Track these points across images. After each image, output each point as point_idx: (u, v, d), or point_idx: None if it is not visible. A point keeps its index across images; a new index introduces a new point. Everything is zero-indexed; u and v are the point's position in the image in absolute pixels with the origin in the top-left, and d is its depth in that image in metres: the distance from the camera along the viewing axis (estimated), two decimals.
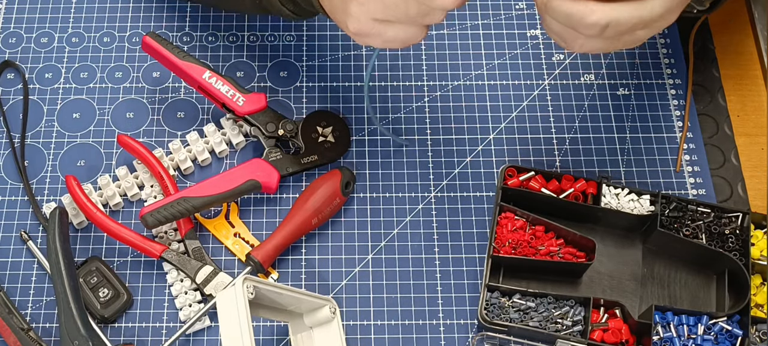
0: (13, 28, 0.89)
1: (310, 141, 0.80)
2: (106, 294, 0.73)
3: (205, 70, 0.80)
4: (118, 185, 0.79)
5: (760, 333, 0.73)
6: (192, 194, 0.75)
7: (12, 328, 0.72)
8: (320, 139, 0.81)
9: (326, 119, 0.82)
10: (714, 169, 0.83)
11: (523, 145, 0.83)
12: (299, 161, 0.79)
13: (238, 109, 0.79)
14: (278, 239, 0.75)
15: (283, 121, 0.80)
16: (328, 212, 0.77)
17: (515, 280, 0.76)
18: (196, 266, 0.74)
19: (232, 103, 0.79)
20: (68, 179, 0.76)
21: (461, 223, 0.79)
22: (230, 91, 0.79)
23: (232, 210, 0.79)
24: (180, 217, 0.75)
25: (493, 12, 0.91)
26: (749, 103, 0.87)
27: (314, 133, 0.81)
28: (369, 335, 0.74)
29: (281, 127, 0.79)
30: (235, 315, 0.61)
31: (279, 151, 0.79)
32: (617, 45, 0.60)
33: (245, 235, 0.78)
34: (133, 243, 0.75)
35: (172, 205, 0.74)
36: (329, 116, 0.82)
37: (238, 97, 0.79)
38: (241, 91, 0.79)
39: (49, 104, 0.84)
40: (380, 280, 0.77)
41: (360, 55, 0.88)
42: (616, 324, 0.72)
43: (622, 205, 0.77)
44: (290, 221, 0.76)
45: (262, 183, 0.77)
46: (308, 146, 0.80)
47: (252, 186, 0.77)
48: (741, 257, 0.74)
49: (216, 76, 0.80)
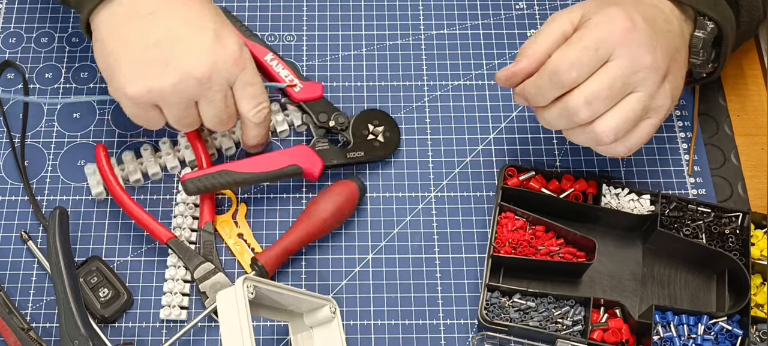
0: (13, 28, 0.89)
1: (360, 137, 0.81)
2: (106, 294, 0.73)
3: (269, 52, 0.81)
4: (141, 162, 0.80)
5: (760, 333, 0.73)
6: (234, 168, 0.76)
7: (12, 328, 0.71)
8: (369, 137, 0.81)
9: (379, 118, 0.82)
10: (714, 169, 0.83)
11: (523, 145, 0.83)
12: (345, 155, 0.79)
13: (295, 95, 0.80)
14: (284, 245, 0.75)
15: (336, 113, 0.80)
16: (336, 224, 0.77)
17: (515, 280, 0.76)
18: (198, 261, 0.74)
19: (289, 89, 0.80)
20: (98, 148, 0.78)
21: (461, 223, 0.79)
22: (289, 76, 0.80)
23: (240, 210, 0.79)
24: (219, 189, 0.76)
25: (493, 12, 0.91)
26: (749, 103, 0.87)
27: (365, 129, 0.81)
28: (369, 335, 0.74)
29: (333, 118, 0.80)
30: (236, 315, 0.61)
31: (326, 142, 0.79)
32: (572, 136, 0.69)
33: (248, 237, 0.78)
34: (145, 223, 0.75)
35: (214, 175, 0.75)
36: (382, 116, 0.82)
37: (295, 82, 0.80)
38: (300, 77, 0.81)
39: (49, 104, 0.84)
40: (380, 280, 0.77)
41: (360, 55, 0.88)
42: (616, 324, 0.72)
43: (622, 205, 0.77)
44: (298, 227, 0.75)
45: (304, 170, 0.77)
46: (356, 142, 0.80)
47: (294, 171, 0.77)
48: (741, 257, 0.74)
49: (278, 59, 0.81)
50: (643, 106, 0.65)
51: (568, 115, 0.65)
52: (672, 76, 0.67)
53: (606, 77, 0.64)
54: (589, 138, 0.66)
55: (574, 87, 0.64)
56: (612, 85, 0.63)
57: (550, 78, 0.65)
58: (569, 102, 0.64)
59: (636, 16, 0.65)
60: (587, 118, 0.65)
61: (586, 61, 0.64)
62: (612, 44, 0.64)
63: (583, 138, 0.67)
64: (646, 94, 0.65)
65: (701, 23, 0.70)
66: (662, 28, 0.67)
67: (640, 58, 0.64)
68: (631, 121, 0.65)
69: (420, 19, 0.90)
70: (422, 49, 0.89)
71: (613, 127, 0.64)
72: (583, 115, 0.64)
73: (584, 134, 0.66)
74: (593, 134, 0.65)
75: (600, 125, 0.65)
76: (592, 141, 0.66)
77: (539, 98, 0.67)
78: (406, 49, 0.88)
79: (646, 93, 0.65)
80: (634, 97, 0.65)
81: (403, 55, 0.88)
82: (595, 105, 0.64)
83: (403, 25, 0.90)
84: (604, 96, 0.64)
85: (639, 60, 0.64)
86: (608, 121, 0.64)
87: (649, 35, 0.64)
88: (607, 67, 0.64)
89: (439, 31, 0.90)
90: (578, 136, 0.67)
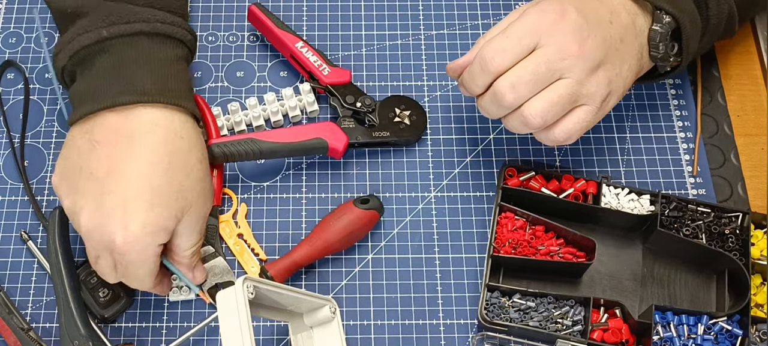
0: (13, 28, 0.89)
1: (386, 119, 0.82)
2: (106, 294, 0.73)
3: (299, 40, 0.84)
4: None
5: (760, 333, 0.73)
6: (261, 137, 0.77)
7: (12, 328, 0.72)
8: (396, 120, 0.82)
9: (405, 103, 0.83)
10: (714, 170, 0.83)
11: (523, 145, 0.83)
12: (371, 134, 0.81)
13: (323, 78, 0.82)
14: (295, 258, 0.74)
15: (363, 96, 0.82)
16: (349, 246, 0.77)
17: (515, 280, 0.76)
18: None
19: (318, 73, 0.83)
20: None
21: (461, 223, 0.79)
22: (318, 61, 0.83)
23: (240, 210, 0.79)
24: (245, 158, 0.77)
25: (493, 12, 0.91)
26: (749, 103, 0.87)
27: (391, 113, 0.82)
28: (369, 335, 0.74)
29: (360, 100, 0.82)
30: (235, 315, 0.61)
31: (353, 121, 0.81)
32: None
33: (248, 238, 0.78)
34: None
35: (240, 142, 0.76)
36: (408, 101, 0.83)
37: (324, 68, 0.83)
38: (329, 64, 0.83)
39: (49, 104, 0.84)
40: (380, 280, 0.77)
41: (360, 55, 0.88)
42: (616, 324, 0.72)
43: (622, 205, 0.77)
44: (311, 241, 0.75)
45: (329, 145, 0.78)
46: (382, 123, 0.82)
47: (319, 144, 0.78)
48: (741, 257, 0.74)
49: (308, 46, 0.84)
50: (571, 92, 0.67)
51: (497, 100, 0.68)
52: (610, 66, 0.69)
53: (530, 62, 0.67)
54: (520, 123, 0.69)
55: (500, 74, 0.68)
56: (536, 69, 0.67)
57: (479, 65, 0.69)
58: (496, 86, 0.68)
59: (569, 7, 0.68)
60: (513, 102, 0.68)
61: (509, 48, 0.67)
62: (539, 33, 0.67)
63: (515, 123, 0.70)
64: (574, 80, 0.67)
65: (658, 17, 0.72)
66: (601, 19, 0.69)
67: (567, 47, 0.67)
68: (558, 106, 0.67)
69: (420, 19, 0.90)
70: (422, 49, 0.89)
71: (540, 111, 0.67)
72: (509, 98, 0.67)
73: (516, 119, 0.69)
74: (522, 118, 0.68)
75: (527, 108, 0.68)
76: (523, 125, 0.69)
77: (472, 85, 0.71)
78: (406, 49, 0.88)
79: (574, 79, 0.67)
80: (561, 83, 0.67)
81: (403, 55, 0.88)
82: (520, 88, 0.67)
83: (402, 25, 0.90)
84: (528, 80, 0.67)
85: (566, 48, 0.67)
86: (535, 105, 0.67)
87: (580, 25, 0.67)
88: (533, 54, 0.67)
89: (439, 31, 0.90)
90: (511, 123, 0.70)
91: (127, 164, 0.65)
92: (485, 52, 0.68)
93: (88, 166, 0.66)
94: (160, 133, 0.67)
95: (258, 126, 0.83)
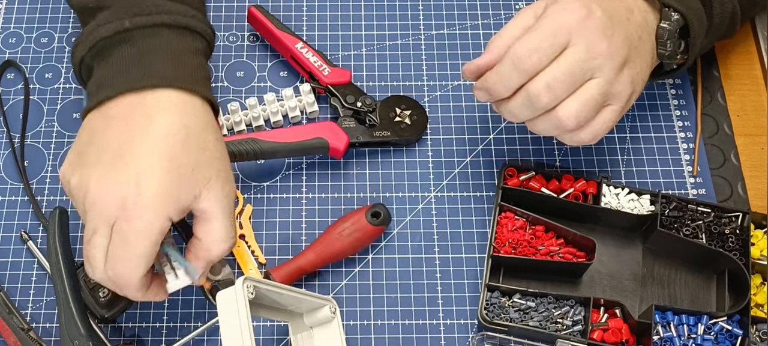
0: (13, 28, 0.89)
1: (387, 119, 0.82)
2: (106, 294, 0.73)
3: (299, 41, 0.84)
4: None
5: (760, 333, 0.73)
6: (262, 137, 0.77)
7: (12, 328, 0.71)
8: (396, 119, 0.82)
9: (406, 103, 0.83)
10: (714, 169, 0.83)
11: (523, 145, 0.83)
12: (371, 134, 0.81)
13: (324, 78, 0.83)
14: (300, 263, 0.74)
15: (363, 96, 0.82)
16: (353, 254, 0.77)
17: (515, 280, 0.76)
18: None
19: (318, 73, 0.83)
20: None
21: (461, 223, 0.79)
22: (318, 61, 0.83)
23: (246, 211, 0.79)
24: (245, 158, 0.77)
25: (493, 12, 0.91)
26: (749, 103, 0.87)
27: (392, 112, 0.82)
28: (369, 335, 0.74)
29: (360, 100, 0.82)
30: (236, 315, 0.61)
31: (353, 120, 0.81)
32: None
33: (250, 239, 0.78)
34: None
35: (241, 142, 0.76)
36: (409, 101, 0.84)
37: (324, 68, 0.83)
38: (329, 64, 0.83)
39: (49, 104, 0.85)
40: (380, 280, 0.77)
41: (360, 55, 0.88)
42: (616, 324, 0.72)
43: (622, 205, 0.77)
44: (316, 249, 0.75)
45: (330, 144, 0.78)
46: (383, 123, 0.82)
47: (320, 144, 0.78)
48: (741, 257, 0.74)
49: (307, 47, 0.84)
50: (603, 92, 0.66)
51: (531, 102, 0.66)
52: (632, 64, 0.68)
53: (565, 62, 0.65)
54: (552, 125, 0.67)
55: (535, 74, 0.66)
56: (571, 69, 0.65)
57: (512, 63, 0.66)
58: (531, 88, 0.66)
59: (593, 5, 0.67)
60: (549, 103, 0.66)
61: (546, 46, 0.65)
62: (569, 31, 0.66)
63: (546, 125, 0.68)
64: (605, 80, 0.66)
65: (666, 14, 0.72)
66: (621, 17, 0.68)
67: (596, 45, 0.66)
68: (592, 107, 0.66)
69: (420, 19, 0.90)
70: (422, 49, 0.89)
71: (575, 112, 0.66)
72: (545, 99, 0.66)
73: (548, 121, 0.67)
74: (557, 120, 0.67)
75: (562, 110, 0.66)
76: (556, 128, 0.67)
77: (500, 86, 0.68)
78: (405, 49, 0.88)
79: (604, 79, 0.66)
80: (593, 83, 0.66)
81: (403, 55, 0.88)
82: (556, 89, 0.65)
83: (402, 25, 0.90)
84: (564, 80, 0.65)
85: (595, 47, 0.66)
86: (570, 106, 0.66)
87: (605, 23, 0.66)
88: (565, 53, 0.66)
89: (439, 31, 0.90)
90: (542, 125, 0.68)
91: (142, 137, 0.62)
92: (519, 51, 0.66)
93: (100, 140, 0.63)
94: (176, 110, 0.64)
95: (258, 126, 0.83)
